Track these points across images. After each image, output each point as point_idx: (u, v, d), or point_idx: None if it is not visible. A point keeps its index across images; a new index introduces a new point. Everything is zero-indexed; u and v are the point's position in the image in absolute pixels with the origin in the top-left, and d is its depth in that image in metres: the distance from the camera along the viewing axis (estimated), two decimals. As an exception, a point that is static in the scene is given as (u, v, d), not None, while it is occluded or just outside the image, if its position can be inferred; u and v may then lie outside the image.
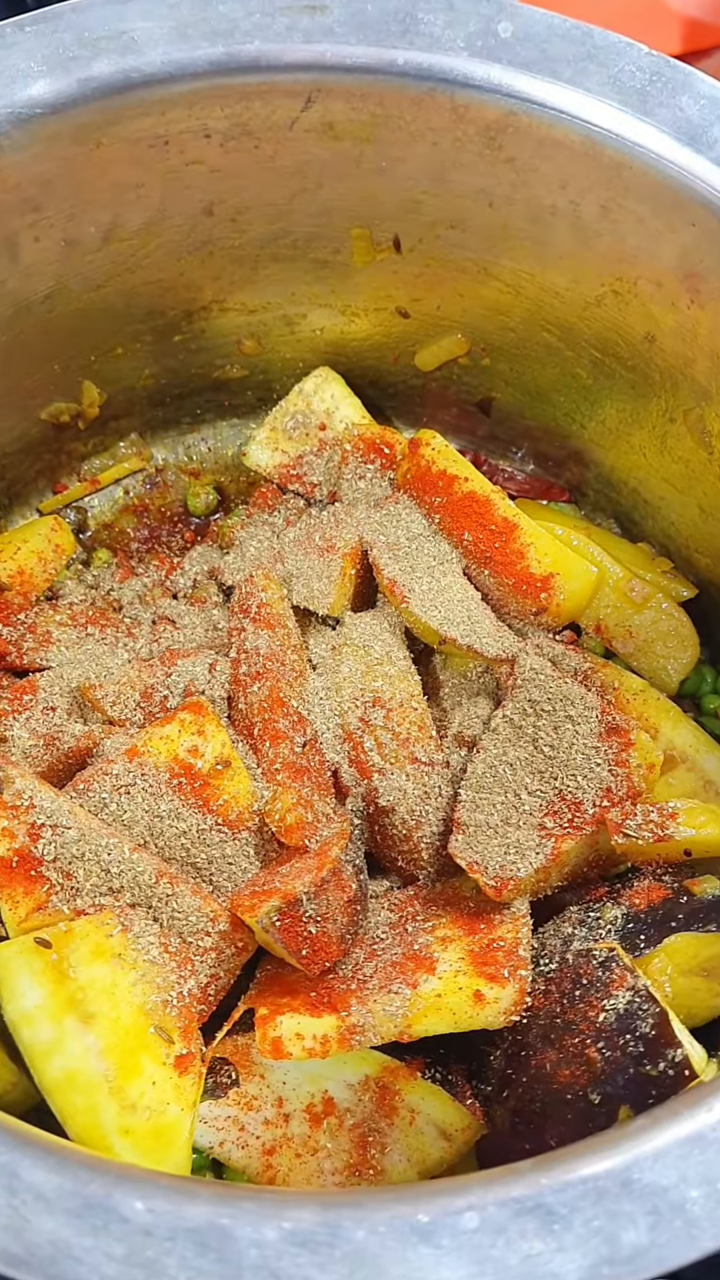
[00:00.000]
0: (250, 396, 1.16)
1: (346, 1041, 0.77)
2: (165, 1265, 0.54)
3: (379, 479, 1.07)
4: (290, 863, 0.85)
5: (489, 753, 0.89)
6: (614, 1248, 0.56)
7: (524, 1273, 0.55)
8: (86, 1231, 0.55)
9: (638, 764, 0.88)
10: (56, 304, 0.98)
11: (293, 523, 1.08)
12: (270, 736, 0.91)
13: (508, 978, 0.79)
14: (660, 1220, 0.56)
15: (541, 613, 0.99)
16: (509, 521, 1.00)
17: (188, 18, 0.88)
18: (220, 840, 0.87)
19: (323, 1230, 0.55)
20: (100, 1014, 0.76)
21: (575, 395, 1.06)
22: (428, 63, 0.88)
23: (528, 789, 0.88)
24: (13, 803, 0.81)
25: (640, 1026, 0.74)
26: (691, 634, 1.02)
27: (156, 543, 1.15)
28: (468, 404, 1.14)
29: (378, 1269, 0.54)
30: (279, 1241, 0.55)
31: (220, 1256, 0.54)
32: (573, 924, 0.85)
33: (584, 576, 1.00)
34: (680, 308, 0.92)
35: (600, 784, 0.87)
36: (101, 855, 0.81)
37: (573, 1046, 0.77)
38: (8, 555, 1.04)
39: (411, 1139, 0.81)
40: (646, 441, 1.03)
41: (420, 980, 0.80)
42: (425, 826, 0.91)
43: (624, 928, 0.82)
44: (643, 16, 1.40)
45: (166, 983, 0.80)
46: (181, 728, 0.87)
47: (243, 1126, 0.81)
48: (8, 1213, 0.55)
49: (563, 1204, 0.57)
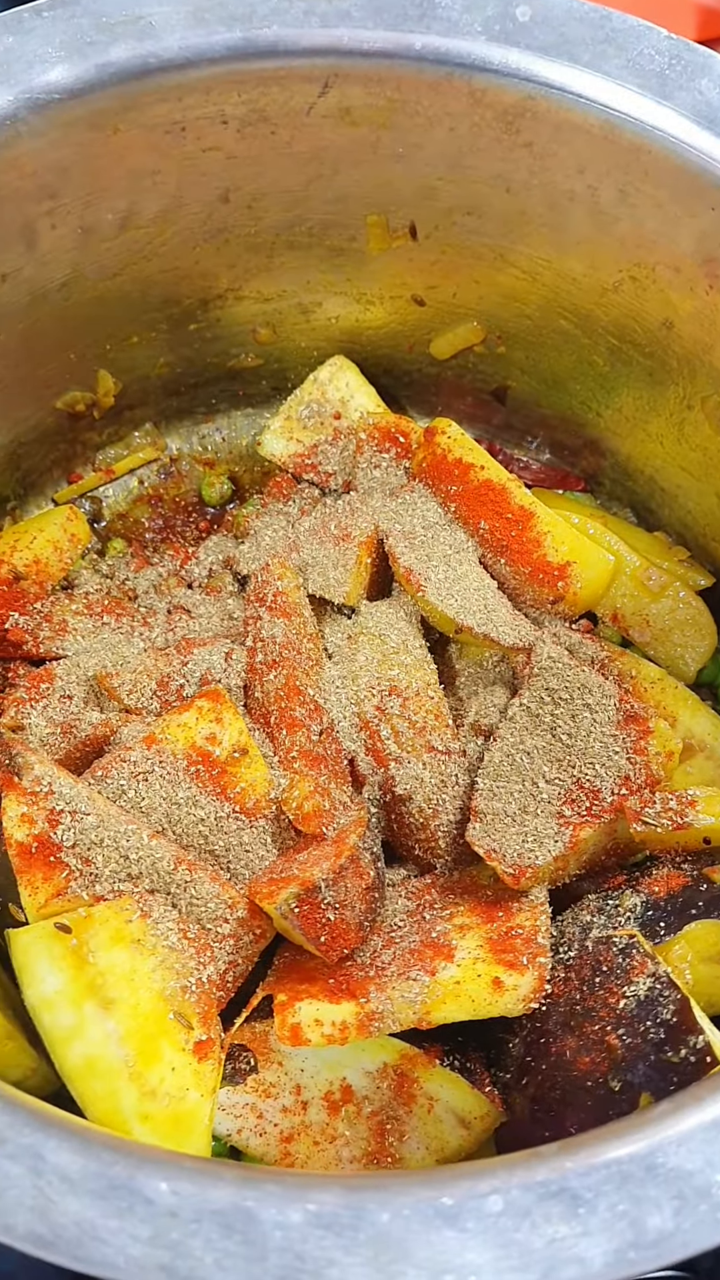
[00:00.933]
0: (265, 385, 1.16)
1: (365, 1028, 0.77)
2: (191, 1247, 0.54)
3: (394, 468, 1.07)
4: (308, 850, 0.85)
5: (506, 741, 0.89)
6: (639, 1232, 0.55)
7: (549, 1256, 0.55)
8: (112, 1213, 0.55)
9: (656, 751, 0.87)
10: (73, 292, 0.98)
11: (308, 512, 1.08)
12: (287, 724, 0.91)
13: (526, 965, 0.79)
14: (685, 1205, 0.56)
15: (558, 601, 0.99)
16: (525, 510, 1.00)
17: (205, 3, 0.87)
18: (237, 827, 0.87)
19: (347, 1213, 0.55)
20: (120, 1000, 0.76)
21: (592, 383, 1.06)
22: (445, 47, 0.88)
23: (545, 777, 0.88)
24: (32, 789, 0.81)
25: (661, 1013, 0.74)
26: (709, 622, 1.02)
27: (171, 532, 1.15)
28: (483, 392, 1.14)
29: (403, 1251, 0.54)
30: (303, 1224, 0.55)
31: (245, 1238, 0.54)
32: (591, 912, 0.85)
33: (601, 565, 1.00)
34: (699, 293, 0.91)
35: (619, 772, 0.87)
36: (120, 842, 0.81)
37: (593, 1033, 0.76)
38: (24, 545, 1.04)
39: (430, 1127, 0.81)
40: (664, 429, 1.03)
41: (439, 967, 0.80)
42: (442, 815, 0.91)
43: (643, 915, 0.82)
44: (658, 4, 1.40)
45: (185, 969, 0.80)
46: (199, 715, 0.87)
47: (261, 1114, 0.80)
48: (33, 1194, 0.55)
49: (587, 1188, 0.57)
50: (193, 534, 1.15)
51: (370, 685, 0.94)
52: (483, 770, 0.88)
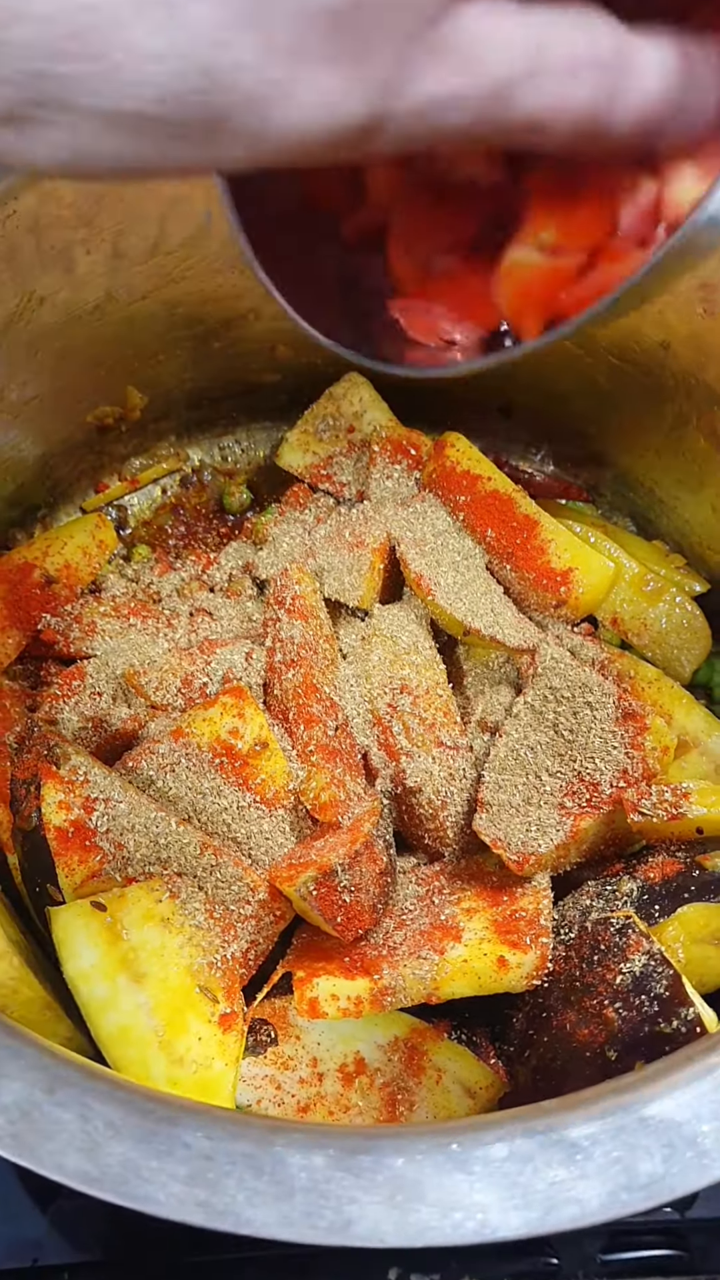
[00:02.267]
0: (283, 400, 1.22)
1: (378, 1002, 0.83)
2: (225, 1185, 0.59)
3: (405, 478, 1.12)
4: (324, 838, 0.91)
5: (511, 737, 0.94)
6: (632, 1176, 0.61)
7: (549, 1197, 0.60)
8: (152, 1155, 0.60)
9: (652, 746, 0.93)
10: (105, 313, 1.04)
11: (323, 520, 1.13)
12: (304, 720, 0.96)
13: (530, 944, 0.84)
14: (674, 1152, 0.62)
15: (561, 605, 1.05)
16: (530, 519, 1.05)
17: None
18: (258, 816, 0.92)
19: (366, 1158, 0.61)
20: (150, 974, 0.82)
21: (593, 400, 1.11)
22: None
23: (548, 770, 0.93)
24: (69, 778, 0.87)
25: (655, 987, 0.79)
26: (704, 626, 1.07)
27: (193, 539, 1.21)
28: (491, 407, 1.19)
29: (416, 1192, 0.60)
30: (326, 1166, 0.60)
31: (274, 1179, 0.60)
32: (591, 897, 0.90)
33: (601, 571, 1.06)
34: (695, 317, 0.97)
35: (617, 766, 0.92)
36: (150, 828, 0.87)
37: (591, 1007, 0.82)
38: (55, 550, 1.10)
39: (438, 1097, 0.86)
40: (661, 444, 1.09)
41: (448, 947, 0.85)
42: (451, 806, 0.96)
43: (639, 899, 0.87)
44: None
45: (211, 946, 0.85)
46: (223, 710, 0.93)
47: (279, 1085, 0.86)
48: (82, 1138, 0.60)
49: (585, 1137, 0.62)
50: (214, 540, 1.20)
51: (383, 684, 0.99)
52: (489, 764, 0.94)
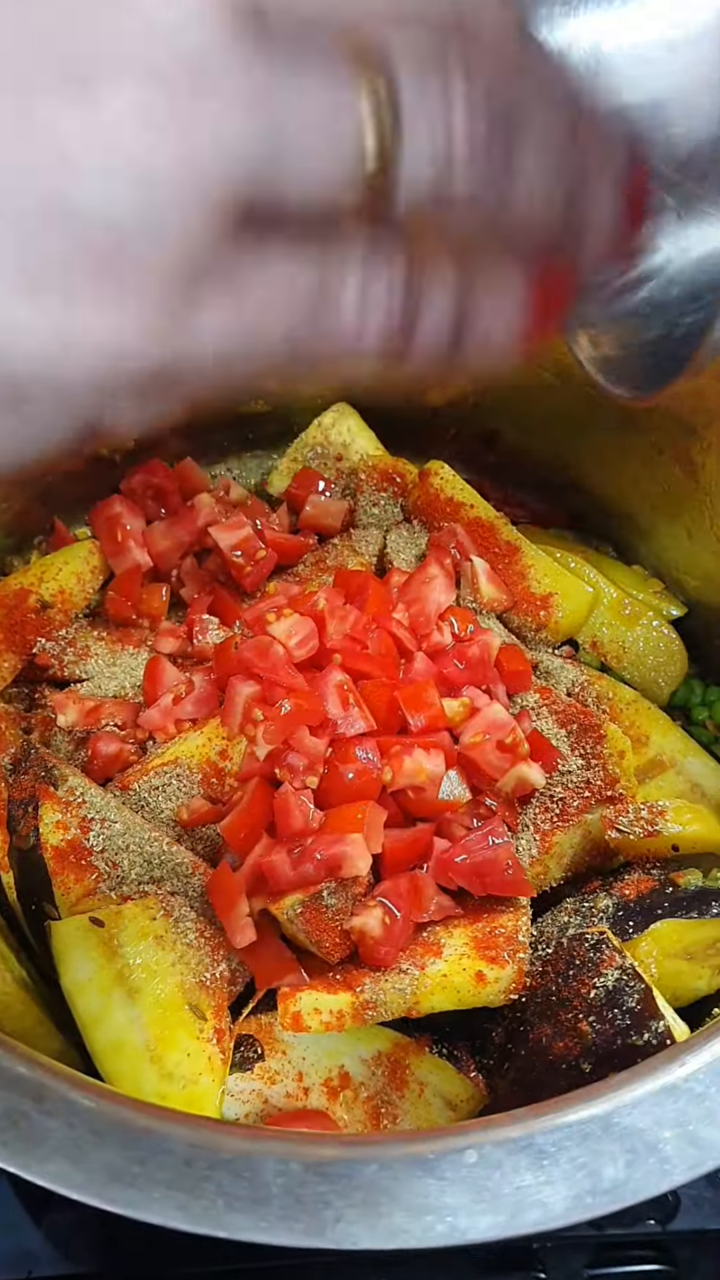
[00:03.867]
0: (272, 430, 1.25)
1: (360, 1016, 0.85)
2: (205, 1189, 0.62)
3: (391, 506, 1.16)
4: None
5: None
6: (596, 1181, 0.63)
7: (516, 1200, 0.62)
8: (135, 1161, 0.63)
9: (610, 753, 0.96)
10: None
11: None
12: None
13: (507, 960, 0.87)
14: (637, 1158, 0.64)
15: (541, 629, 1.08)
16: (511, 545, 1.09)
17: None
18: (247, 836, 0.95)
19: (341, 1164, 0.63)
20: (143, 989, 0.85)
21: (572, 430, 1.15)
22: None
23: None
24: (66, 798, 0.90)
25: (627, 1001, 0.82)
26: (680, 649, 1.11)
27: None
28: (474, 437, 1.23)
29: (389, 1196, 0.62)
30: (303, 1172, 0.63)
31: (252, 1184, 0.62)
32: (569, 913, 0.93)
33: (580, 596, 1.09)
34: (667, 351, 1.00)
35: (580, 780, 0.96)
36: (145, 848, 0.90)
37: (566, 1021, 0.84)
38: (50, 576, 1.13)
39: (420, 1109, 0.89)
40: (638, 473, 1.12)
41: (428, 963, 0.88)
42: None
43: (615, 915, 0.90)
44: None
45: (201, 965, 0.88)
46: (214, 733, 0.96)
47: (266, 1099, 0.88)
48: (68, 1144, 0.63)
49: (551, 1144, 0.65)
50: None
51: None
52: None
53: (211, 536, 1.12)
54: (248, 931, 0.88)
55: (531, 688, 1.03)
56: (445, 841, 0.93)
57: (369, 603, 1.00)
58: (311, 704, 0.91)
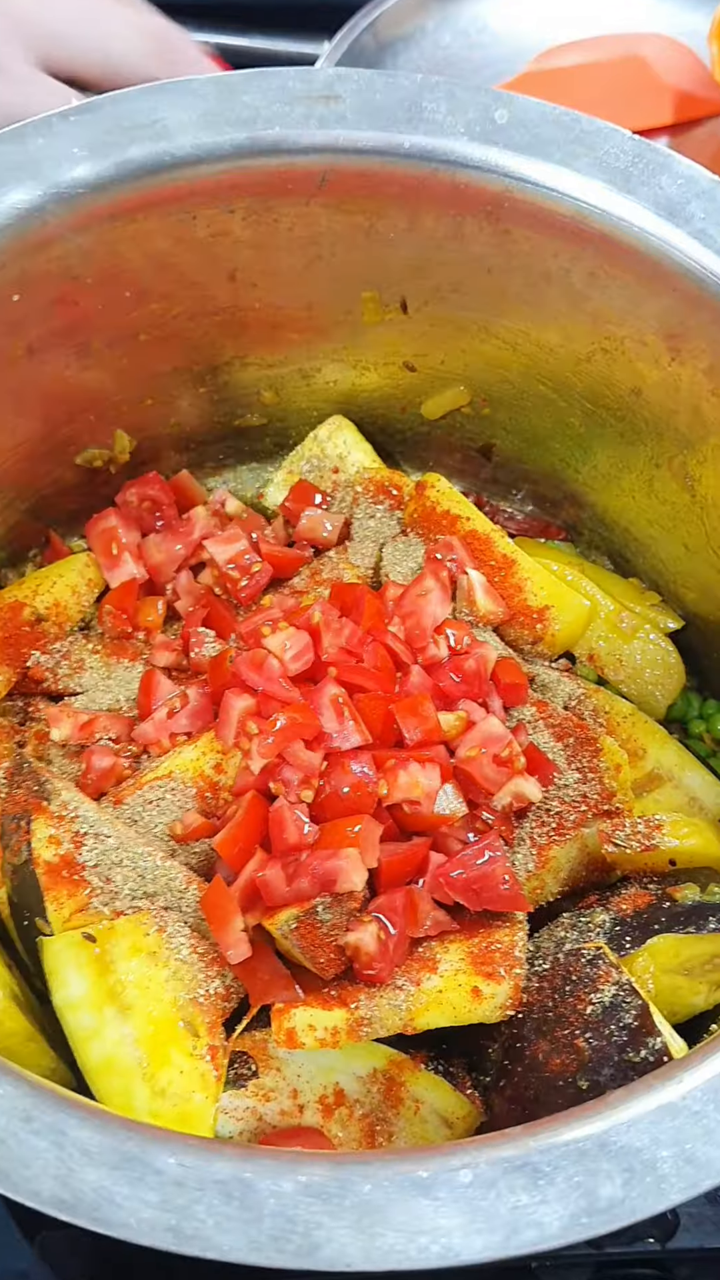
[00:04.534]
0: (268, 443, 1.25)
1: (355, 1032, 0.85)
2: (195, 1211, 0.61)
3: (388, 518, 1.15)
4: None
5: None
6: (592, 1200, 0.63)
7: (512, 1220, 0.62)
8: (124, 1181, 0.62)
9: (607, 766, 0.96)
10: (92, 361, 1.07)
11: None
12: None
13: (504, 976, 0.86)
14: (634, 1177, 0.64)
15: (538, 642, 1.07)
16: (508, 558, 1.08)
17: (214, 108, 0.97)
18: (241, 850, 0.94)
19: (334, 1184, 0.63)
20: (136, 1006, 0.84)
21: (569, 442, 1.14)
22: (431, 146, 0.98)
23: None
24: (59, 813, 0.89)
25: (624, 1018, 0.81)
26: (677, 663, 1.10)
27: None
28: (470, 449, 1.23)
29: (382, 1216, 0.62)
30: (295, 1193, 0.62)
31: (243, 1204, 0.61)
32: (565, 928, 0.92)
33: (577, 609, 1.09)
34: (663, 365, 1.00)
35: (576, 794, 0.95)
36: (138, 862, 0.89)
37: (563, 1037, 0.84)
38: (44, 589, 1.12)
39: (416, 1127, 0.88)
40: (635, 485, 1.12)
41: (423, 978, 0.87)
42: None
43: (611, 930, 0.89)
44: (636, 89, 1.50)
45: (195, 981, 0.87)
46: (208, 747, 0.95)
47: (260, 1117, 0.87)
48: (56, 1165, 0.62)
49: (547, 1163, 0.64)
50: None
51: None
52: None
53: (207, 550, 1.11)
54: (242, 947, 0.87)
55: (528, 701, 1.03)
56: (441, 856, 0.92)
57: (365, 616, 0.99)
58: (307, 717, 0.90)
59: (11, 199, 0.94)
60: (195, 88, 0.97)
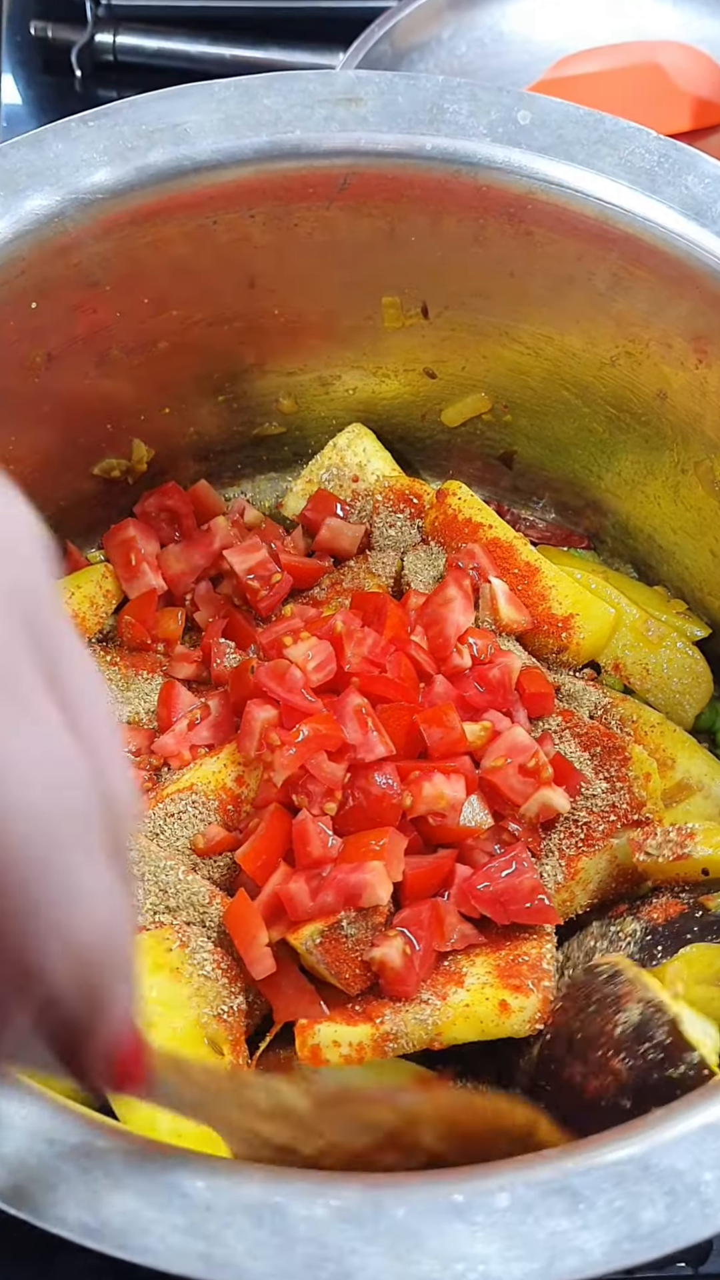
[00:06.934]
0: (287, 451, 1.24)
1: (380, 1048, 0.83)
2: (225, 1236, 0.59)
3: (409, 527, 1.14)
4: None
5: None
6: (634, 1225, 0.60)
7: (551, 1247, 0.59)
8: (153, 1206, 0.60)
9: (635, 775, 0.94)
10: (110, 369, 1.06)
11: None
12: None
13: (532, 988, 0.84)
14: (677, 1200, 0.61)
15: (563, 651, 1.06)
16: (531, 566, 1.07)
17: (235, 111, 0.97)
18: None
19: (367, 1207, 0.61)
20: (159, 1023, 0.82)
21: (592, 449, 1.13)
22: (453, 148, 0.97)
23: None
24: (77, 825, 0.88)
25: (656, 1035, 0.79)
26: (705, 671, 1.08)
27: (200, 588, 1.21)
28: (492, 457, 1.21)
29: (417, 1242, 0.59)
30: (327, 1217, 0.60)
31: (274, 1229, 0.59)
32: (595, 938, 0.90)
33: (603, 618, 1.07)
34: (689, 368, 0.99)
35: (605, 804, 0.94)
36: (160, 876, 0.87)
37: (597, 1060, 0.81)
38: (62, 601, 1.11)
39: (445, 1146, 0.86)
40: (660, 491, 1.10)
41: (449, 992, 0.85)
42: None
43: (642, 939, 0.87)
44: (653, 96, 1.49)
45: (219, 997, 0.85)
46: (230, 759, 0.94)
47: (285, 1136, 0.85)
48: (82, 1189, 0.60)
49: (587, 1186, 0.62)
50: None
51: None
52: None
53: (226, 560, 1.10)
54: (266, 962, 0.85)
55: (554, 711, 1.01)
56: (467, 868, 0.90)
57: (387, 625, 0.98)
58: (330, 729, 0.89)
59: (31, 205, 0.93)
60: (216, 91, 0.97)
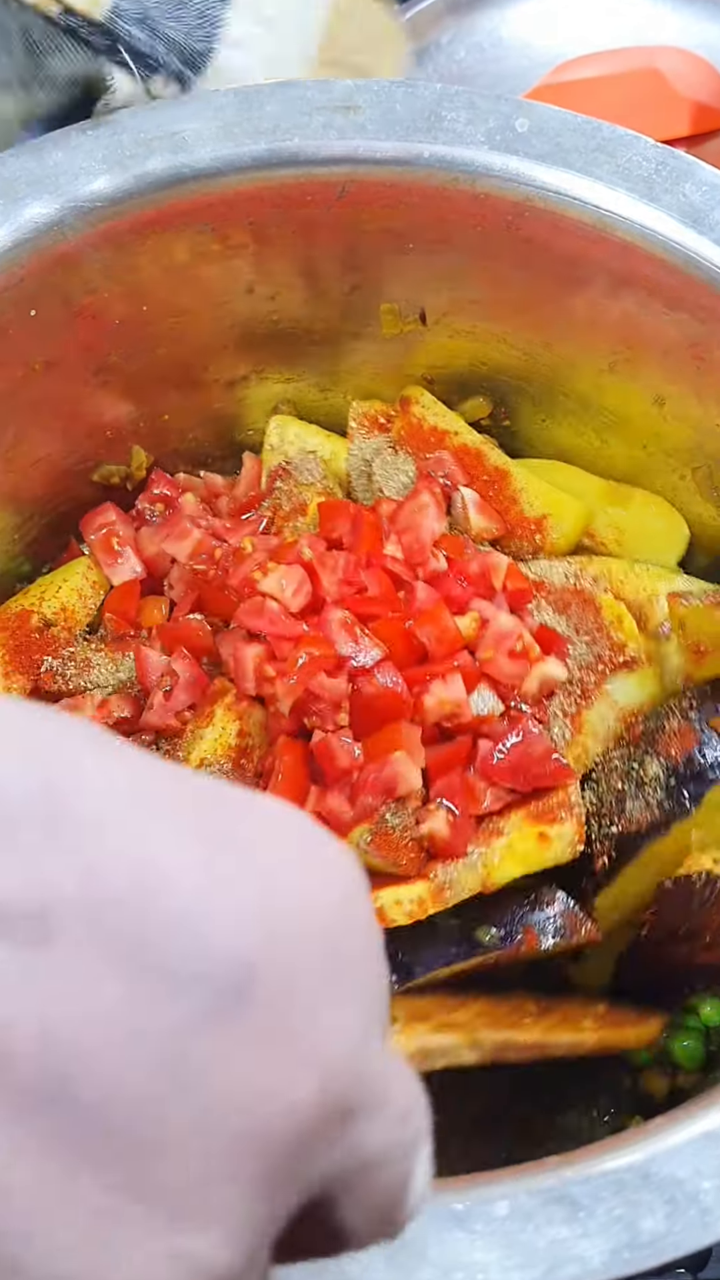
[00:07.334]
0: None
1: (439, 898, 0.86)
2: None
3: (379, 440, 1.11)
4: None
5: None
6: (634, 1234, 0.60)
7: (551, 1255, 0.60)
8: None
9: (609, 620, 0.97)
10: (109, 377, 1.06)
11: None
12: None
13: (565, 818, 0.88)
14: (677, 1209, 0.61)
15: (538, 552, 1.06)
16: (500, 470, 1.07)
17: (233, 119, 0.97)
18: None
19: (366, 1216, 0.61)
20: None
21: (590, 455, 1.13)
22: (451, 155, 0.97)
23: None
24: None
25: None
26: (677, 517, 1.07)
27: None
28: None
29: (417, 1250, 0.59)
30: (326, 1225, 0.60)
31: (274, 1238, 0.59)
32: (620, 777, 0.93)
33: (575, 512, 1.07)
34: (687, 374, 0.99)
35: (591, 656, 0.96)
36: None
37: (708, 940, 0.88)
38: (50, 595, 1.11)
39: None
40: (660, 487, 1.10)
41: (492, 841, 0.89)
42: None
43: (668, 784, 0.89)
44: (652, 102, 1.50)
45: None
46: (223, 720, 0.94)
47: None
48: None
49: (586, 1194, 0.62)
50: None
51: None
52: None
53: (167, 553, 1.09)
54: None
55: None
56: (488, 741, 0.92)
57: (363, 538, 0.98)
58: (323, 649, 0.90)
59: (29, 213, 0.93)
60: (215, 100, 0.97)
